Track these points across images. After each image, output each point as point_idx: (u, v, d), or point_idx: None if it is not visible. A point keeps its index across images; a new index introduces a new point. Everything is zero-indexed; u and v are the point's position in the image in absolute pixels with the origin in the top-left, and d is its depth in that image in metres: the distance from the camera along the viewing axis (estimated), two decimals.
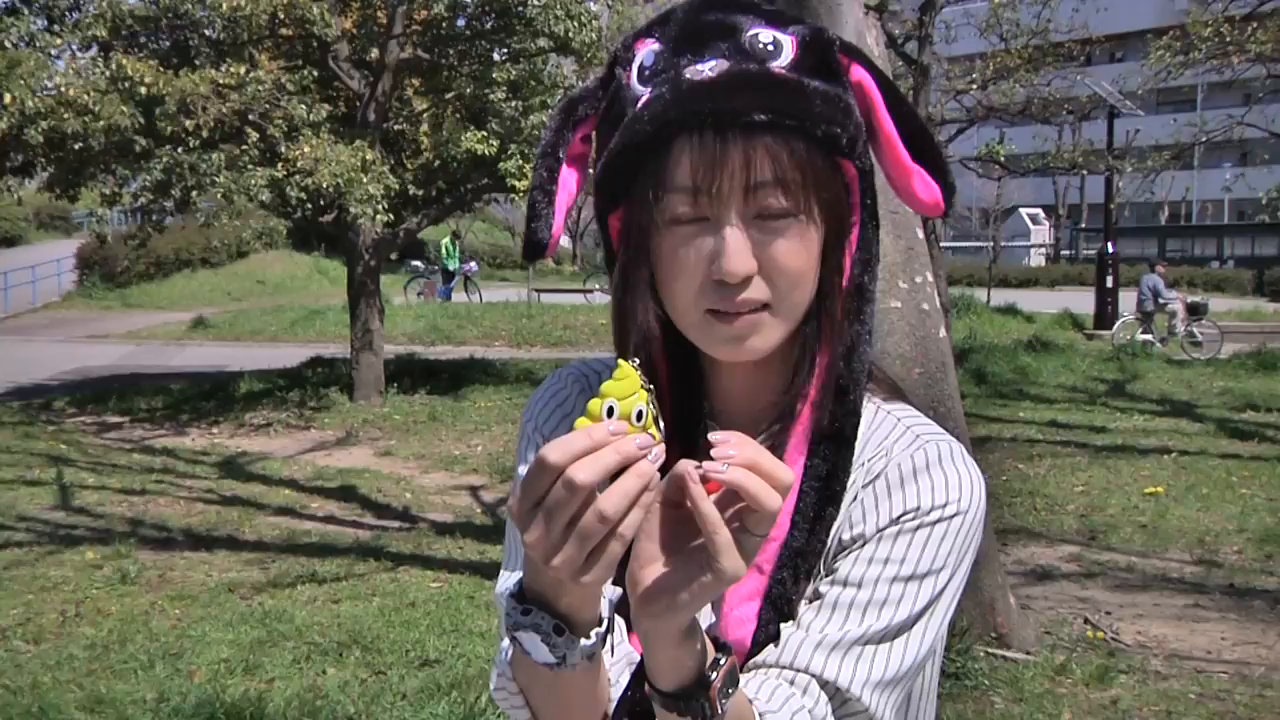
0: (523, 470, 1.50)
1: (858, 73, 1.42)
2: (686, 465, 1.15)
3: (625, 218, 1.41)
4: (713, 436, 1.17)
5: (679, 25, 1.41)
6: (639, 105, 1.36)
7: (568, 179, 1.45)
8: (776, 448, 1.42)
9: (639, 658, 1.37)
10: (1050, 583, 7.83)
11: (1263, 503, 9.88)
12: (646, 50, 1.41)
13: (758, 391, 1.48)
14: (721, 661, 1.28)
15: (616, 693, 1.41)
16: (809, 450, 1.44)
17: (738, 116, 1.31)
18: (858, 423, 1.45)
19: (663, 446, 1.15)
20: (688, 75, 1.35)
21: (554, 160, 1.45)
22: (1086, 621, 6.96)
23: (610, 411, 1.13)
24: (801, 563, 1.43)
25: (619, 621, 1.40)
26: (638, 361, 1.17)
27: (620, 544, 1.13)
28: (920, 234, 6.69)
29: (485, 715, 5.41)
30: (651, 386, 1.17)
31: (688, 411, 1.48)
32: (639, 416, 1.13)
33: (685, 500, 1.15)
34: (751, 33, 1.36)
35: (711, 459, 1.15)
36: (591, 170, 1.46)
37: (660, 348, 1.43)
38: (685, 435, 1.43)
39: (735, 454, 1.15)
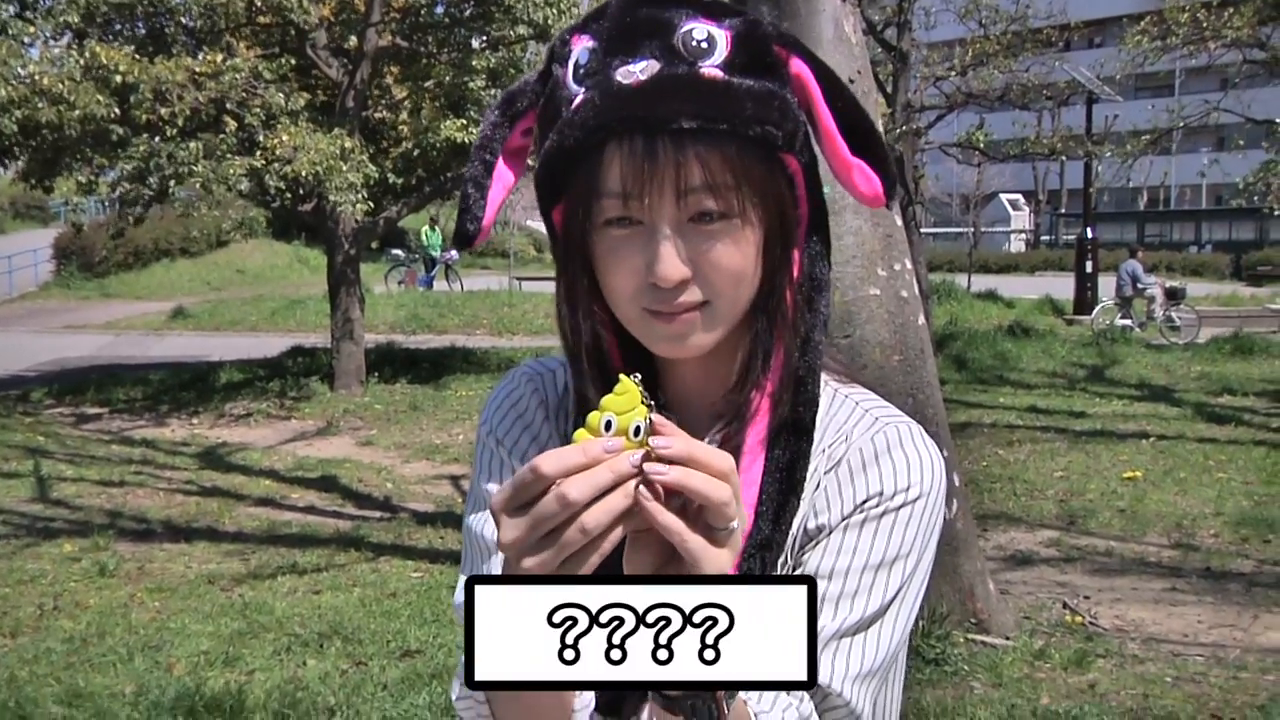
0: (487, 484, 1.58)
1: (796, 65, 1.40)
2: (640, 490, 1.13)
3: (563, 217, 1.41)
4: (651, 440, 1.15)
5: (611, 23, 1.39)
6: (572, 107, 1.36)
7: (504, 173, 1.46)
8: (735, 442, 1.42)
9: None
10: (1029, 568, 7.85)
11: (1239, 486, 9.94)
12: (581, 48, 1.40)
13: (710, 384, 1.47)
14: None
15: (581, 705, 1.40)
16: (769, 441, 1.43)
17: (666, 123, 1.31)
18: (816, 411, 1.46)
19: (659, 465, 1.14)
20: (618, 78, 1.34)
21: (489, 154, 1.45)
22: (1065, 606, 6.98)
23: (608, 425, 1.12)
24: (768, 555, 1.43)
25: None
26: (639, 377, 1.16)
27: (597, 556, 1.13)
28: (899, 221, 6.72)
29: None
30: (653, 402, 1.16)
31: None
32: (636, 431, 1.12)
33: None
34: (685, 29, 1.35)
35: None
36: (532, 165, 1.45)
37: (613, 343, 1.45)
38: None
39: (670, 446, 1.13)
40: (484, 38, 16.83)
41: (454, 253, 34.19)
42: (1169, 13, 21.77)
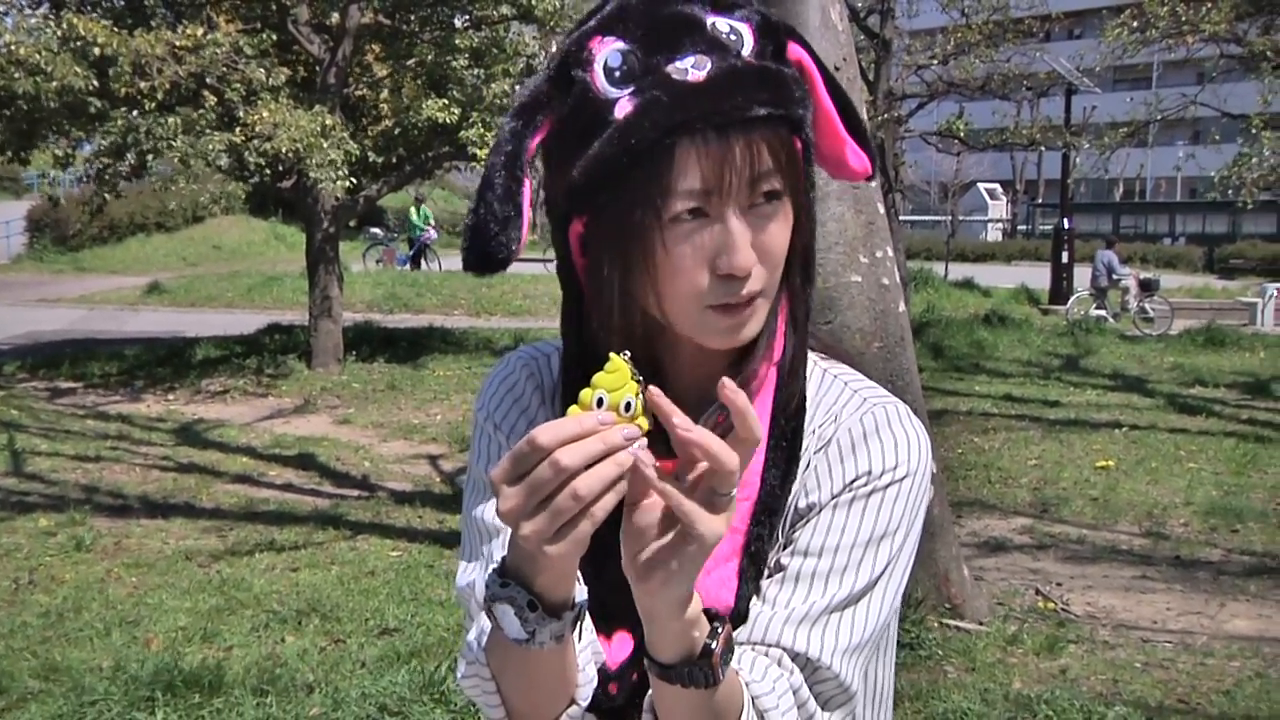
0: (479, 466, 1.60)
1: (796, 51, 1.44)
2: (636, 455, 1.19)
3: (609, 221, 1.40)
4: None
5: (641, 22, 1.40)
6: (629, 110, 1.36)
7: (528, 189, 1.43)
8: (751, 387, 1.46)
9: (603, 656, 1.46)
10: (1003, 554, 7.91)
11: (1209, 476, 10.01)
12: (610, 50, 1.39)
13: (711, 363, 1.48)
14: (719, 630, 1.32)
15: (585, 680, 1.44)
16: (773, 414, 1.48)
17: (739, 114, 1.34)
18: (806, 386, 1.51)
19: (644, 440, 1.20)
20: (676, 77, 1.35)
21: (518, 170, 1.42)
22: (1038, 592, 7.04)
23: (600, 402, 1.18)
24: (775, 519, 1.48)
25: (588, 616, 1.43)
26: (629, 355, 1.22)
27: (590, 524, 1.18)
28: (881, 209, 6.74)
29: (445, 684, 5.41)
30: (642, 379, 1.21)
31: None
32: (627, 407, 1.18)
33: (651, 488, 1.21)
34: (712, 23, 1.38)
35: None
36: (538, 174, 1.43)
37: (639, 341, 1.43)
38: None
39: (691, 430, 1.19)
40: (467, 17, 16.79)
41: (433, 232, 34.15)
42: (1148, 5, 21.86)
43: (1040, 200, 59.43)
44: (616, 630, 1.49)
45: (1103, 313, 24.49)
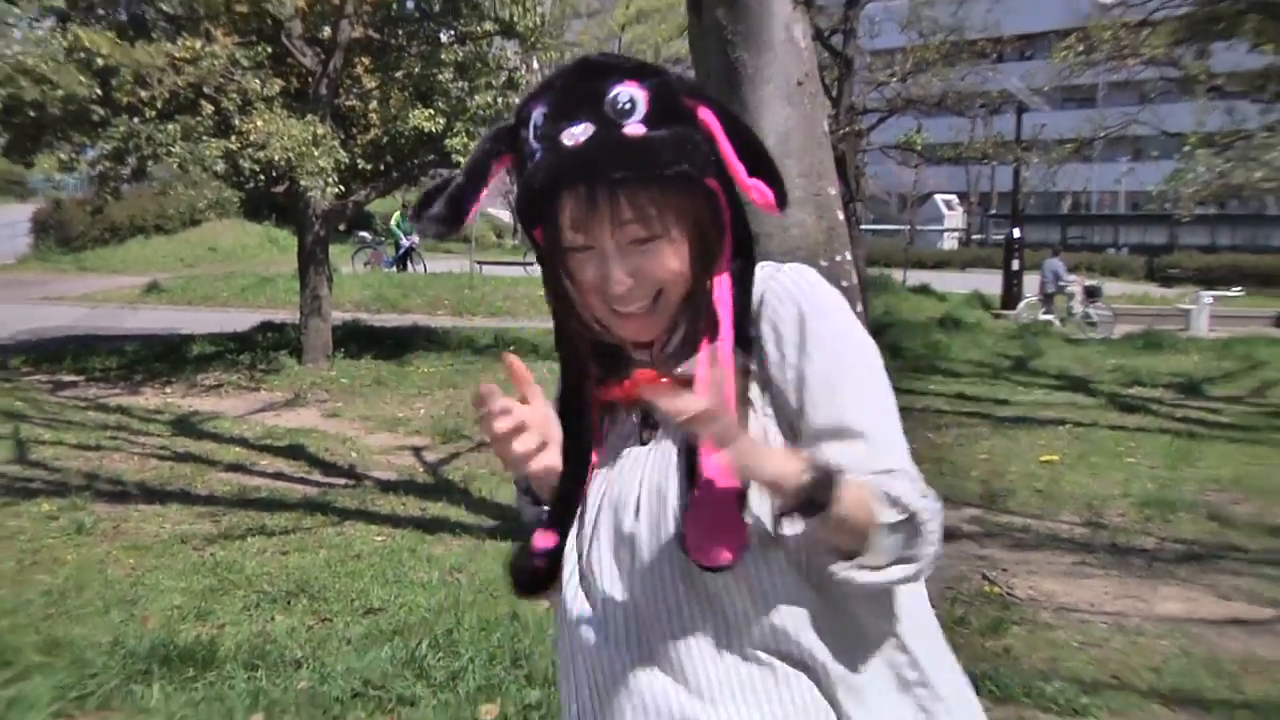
0: None
1: (704, 112, 1.66)
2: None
3: (543, 238, 1.72)
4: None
5: (557, 93, 1.67)
6: (535, 160, 1.65)
7: (483, 193, 1.77)
8: (688, 375, 1.70)
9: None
10: (953, 542, 7.82)
11: (1145, 470, 10.04)
12: (538, 112, 1.67)
13: (657, 333, 1.77)
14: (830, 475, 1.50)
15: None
16: (737, 348, 1.70)
17: (602, 174, 1.60)
18: (748, 314, 1.74)
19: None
20: (564, 140, 1.62)
21: (482, 172, 1.75)
22: (984, 578, 7.04)
23: None
24: (746, 401, 1.69)
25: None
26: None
27: (506, 454, 1.70)
28: (840, 215, 6.73)
29: (426, 660, 5.41)
30: None
31: (613, 350, 1.79)
32: None
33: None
34: (613, 94, 1.62)
35: (636, 381, 1.63)
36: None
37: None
38: (614, 369, 1.76)
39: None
40: (452, 32, 16.78)
41: (416, 237, 34.09)
42: (1093, 29, 22.14)
43: (993, 211, 59.54)
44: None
45: (1050, 317, 24.67)
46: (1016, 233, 30.01)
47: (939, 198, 57.69)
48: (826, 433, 1.64)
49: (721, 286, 1.72)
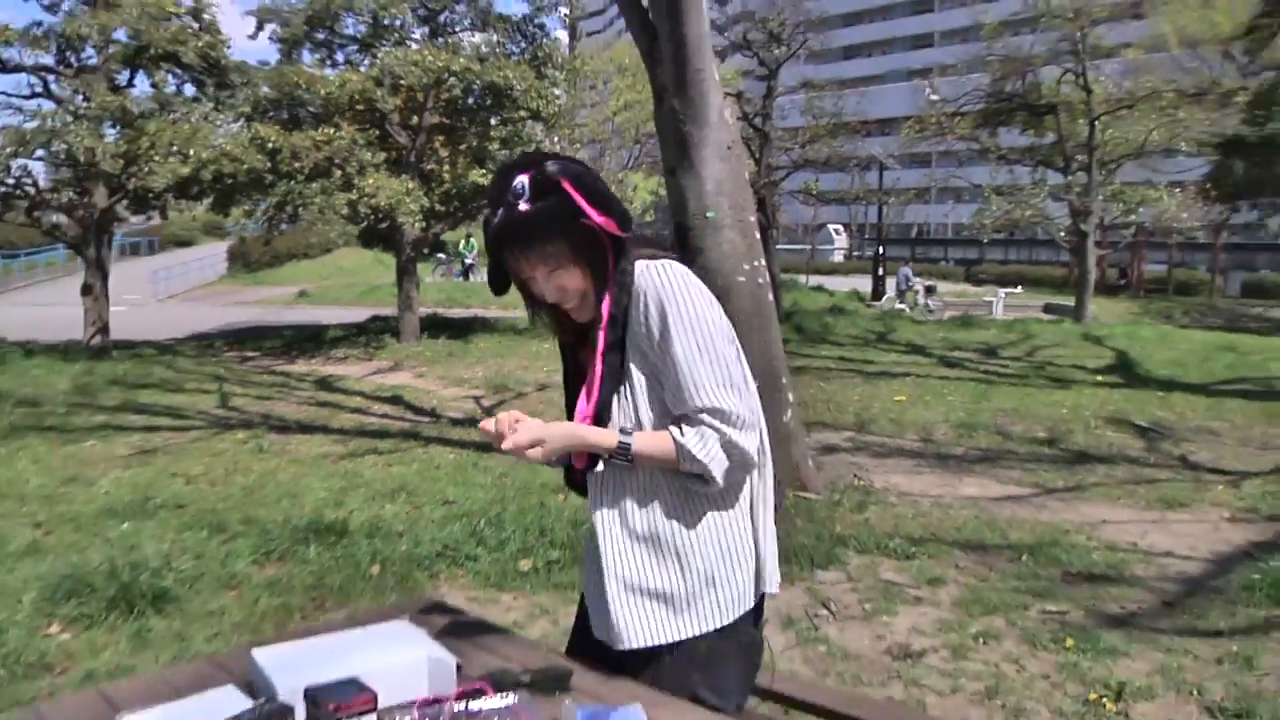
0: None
1: (565, 183, 1.73)
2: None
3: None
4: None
5: (493, 192, 1.76)
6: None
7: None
8: (595, 342, 1.82)
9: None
10: (834, 454, 8.00)
11: (959, 404, 10.14)
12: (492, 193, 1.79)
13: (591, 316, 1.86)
14: (625, 441, 1.73)
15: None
16: (608, 327, 1.79)
17: (508, 244, 1.77)
18: (629, 307, 1.79)
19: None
20: (492, 222, 1.78)
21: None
22: (855, 476, 7.14)
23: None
24: (618, 351, 1.79)
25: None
26: None
27: (522, 457, 1.74)
28: (757, 235, 6.70)
29: (483, 532, 5.52)
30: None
31: (580, 327, 1.89)
32: None
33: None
34: (515, 183, 1.72)
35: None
36: None
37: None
38: (584, 338, 1.89)
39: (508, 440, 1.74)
40: (498, 117, 16.85)
41: (475, 257, 34.11)
42: (925, 117, 22.66)
43: (868, 236, 59.35)
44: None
45: (902, 306, 24.84)
46: (880, 250, 30.16)
47: (830, 226, 57.34)
48: (672, 384, 1.75)
49: (606, 302, 1.81)
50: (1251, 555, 5.29)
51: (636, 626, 1.75)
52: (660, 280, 1.74)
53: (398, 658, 1.62)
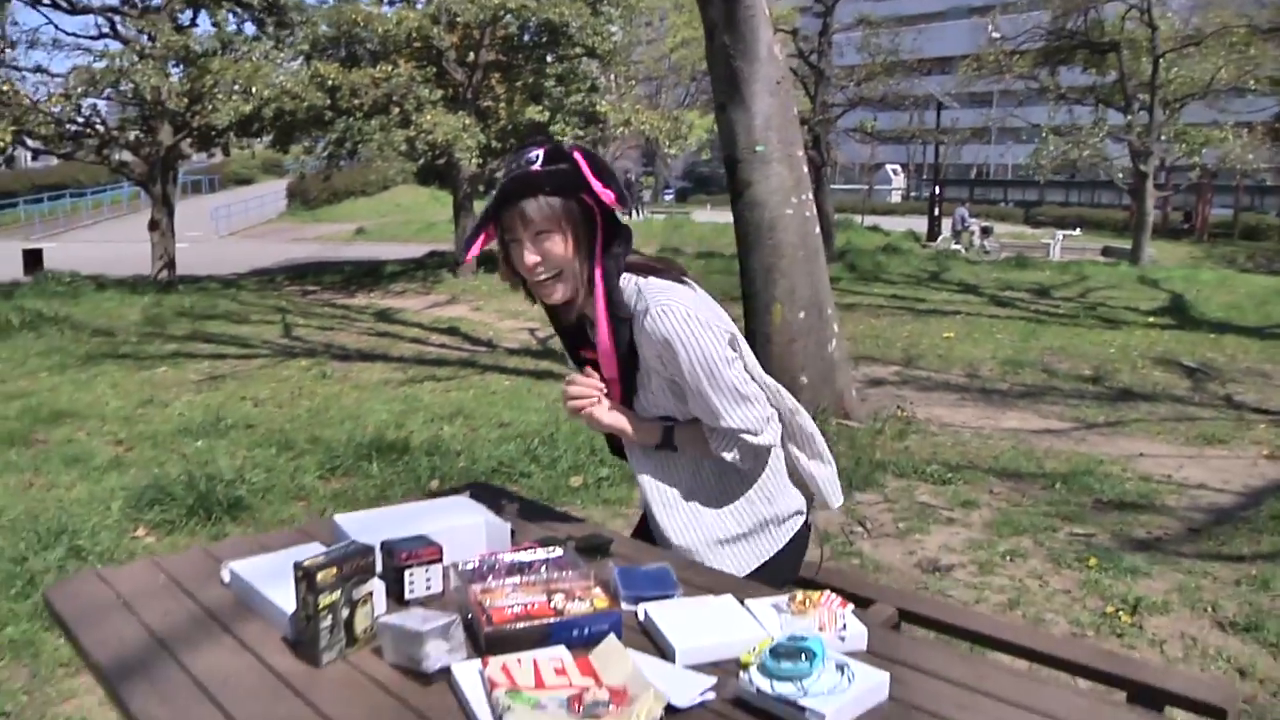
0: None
1: (576, 155, 1.85)
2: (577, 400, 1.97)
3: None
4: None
5: (511, 156, 1.91)
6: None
7: (478, 238, 1.97)
8: (594, 318, 1.93)
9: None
10: (880, 386, 8.09)
11: (1008, 342, 10.14)
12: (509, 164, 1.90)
13: (575, 309, 1.97)
14: (670, 429, 1.94)
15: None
16: (610, 321, 1.90)
17: (515, 195, 1.85)
18: (621, 300, 1.89)
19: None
20: (500, 179, 1.91)
21: (478, 231, 1.96)
22: (899, 408, 7.21)
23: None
24: (630, 368, 1.94)
25: None
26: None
27: (575, 414, 1.97)
28: (805, 170, 6.76)
29: (537, 450, 5.72)
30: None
31: (568, 317, 1.99)
32: None
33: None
34: (532, 152, 1.85)
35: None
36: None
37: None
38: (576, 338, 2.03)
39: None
40: (554, 54, 16.89)
41: None
42: (984, 55, 22.15)
43: (925, 177, 58.47)
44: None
45: (958, 247, 24.57)
46: (937, 191, 29.82)
47: (888, 166, 56.58)
48: (692, 403, 1.91)
49: (598, 275, 1.89)
50: None
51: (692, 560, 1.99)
52: (666, 327, 1.84)
53: (460, 521, 1.86)
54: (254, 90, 14.86)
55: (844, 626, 1.52)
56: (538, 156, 1.85)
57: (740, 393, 1.88)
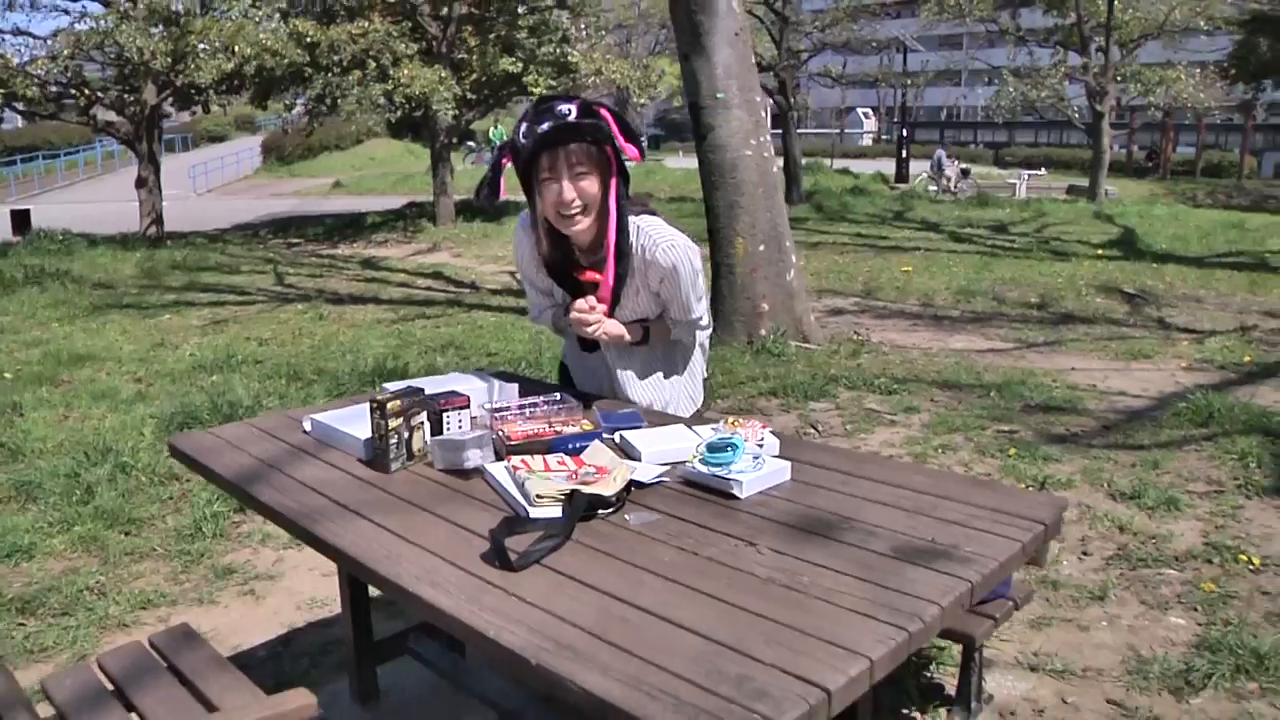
0: (521, 265, 2.51)
1: (604, 112, 2.15)
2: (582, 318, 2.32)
3: (529, 180, 2.21)
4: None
5: (531, 115, 2.15)
6: (523, 142, 2.14)
7: (502, 179, 2.28)
8: (604, 258, 2.27)
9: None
10: (840, 315, 8.52)
11: (962, 274, 10.55)
12: (524, 127, 2.15)
13: (589, 238, 2.31)
14: (645, 328, 2.39)
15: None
16: (616, 255, 2.27)
17: (560, 141, 2.10)
18: (628, 239, 2.28)
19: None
20: (538, 128, 2.12)
21: (498, 168, 2.26)
22: (855, 333, 7.71)
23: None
24: (622, 287, 2.37)
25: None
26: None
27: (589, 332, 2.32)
28: (763, 114, 7.25)
29: (523, 373, 6.23)
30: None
31: (567, 249, 2.34)
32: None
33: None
34: (563, 106, 2.17)
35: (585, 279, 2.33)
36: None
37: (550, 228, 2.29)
38: (567, 265, 2.36)
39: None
40: (526, 6, 17.12)
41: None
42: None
43: (897, 120, 58.62)
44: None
45: (934, 188, 24.96)
46: (905, 134, 30.20)
47: (859, 110, 56.93)
48: (674, 303, 2.40)
49: (611, 207, 2.19)
50: (1191, 393, 5.98)
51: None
52: (675, 257, 2.28)
53: (479, 382, 2.45)
54: (236, 49, 15.11)
55: (762, 439, 2.11)
56: (570, 110, 2.10)
57: (701, 294, 2.45)
